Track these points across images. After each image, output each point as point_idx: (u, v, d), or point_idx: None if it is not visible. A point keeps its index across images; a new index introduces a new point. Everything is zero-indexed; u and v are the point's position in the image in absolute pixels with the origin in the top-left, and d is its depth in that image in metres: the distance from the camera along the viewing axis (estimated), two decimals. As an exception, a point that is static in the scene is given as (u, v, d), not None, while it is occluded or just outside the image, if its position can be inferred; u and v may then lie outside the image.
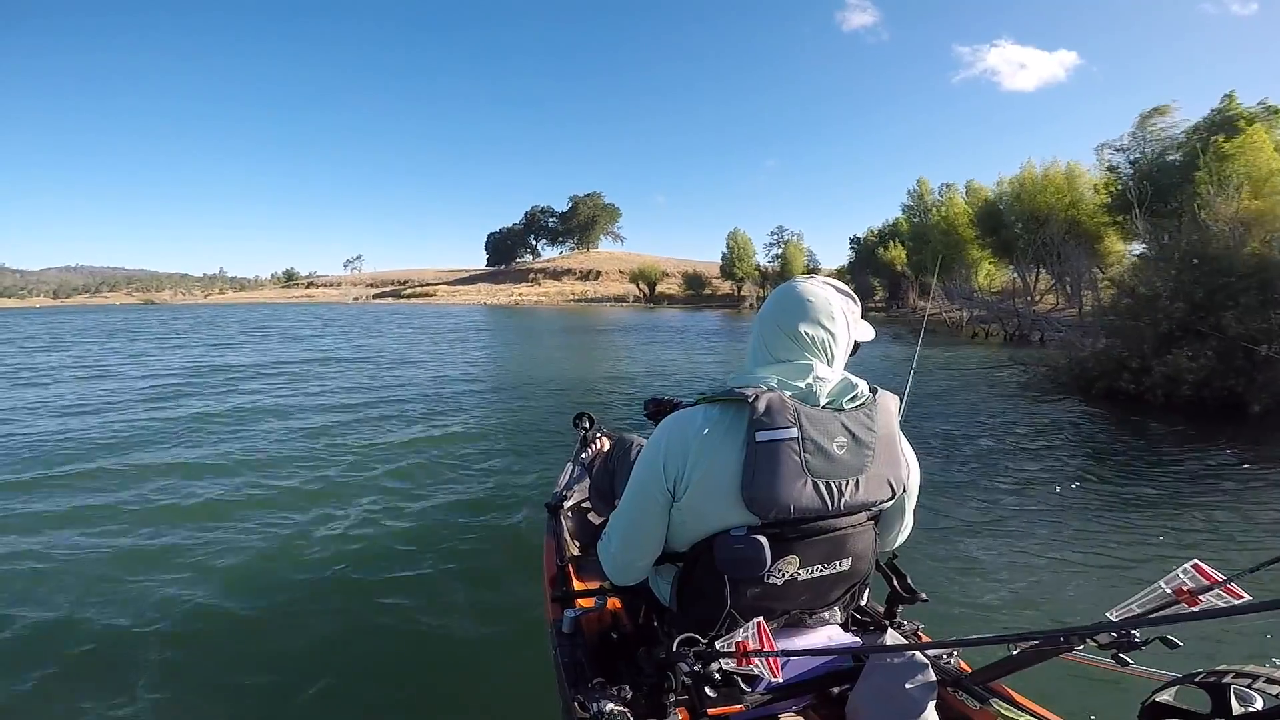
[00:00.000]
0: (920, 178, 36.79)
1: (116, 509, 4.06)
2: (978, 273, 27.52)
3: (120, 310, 62.92)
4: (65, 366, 12.34)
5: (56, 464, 5.07)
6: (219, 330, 24.79)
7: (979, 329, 21.10)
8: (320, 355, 14.03)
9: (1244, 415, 6.28)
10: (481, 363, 12.93)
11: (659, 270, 73.22)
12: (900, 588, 1.26)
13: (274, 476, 4.75)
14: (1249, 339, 6.25)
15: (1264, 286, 6.55)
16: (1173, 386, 6.67)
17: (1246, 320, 6.39)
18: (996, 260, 26.56)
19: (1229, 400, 6.26)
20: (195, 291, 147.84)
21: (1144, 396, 7.00)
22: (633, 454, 1.64)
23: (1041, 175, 21.47)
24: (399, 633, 2.60)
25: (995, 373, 11.13)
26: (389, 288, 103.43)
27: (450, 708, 2.17)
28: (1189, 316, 6.86)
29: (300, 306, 67.77)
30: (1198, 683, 0.86)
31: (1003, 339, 18.81)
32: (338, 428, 6.40)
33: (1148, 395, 6.95)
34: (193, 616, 2.74)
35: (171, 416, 7.02)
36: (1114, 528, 3.65)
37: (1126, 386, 7.10)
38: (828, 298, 1.05)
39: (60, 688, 2.30)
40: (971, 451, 5.44)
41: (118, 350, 15.83)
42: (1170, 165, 14.35)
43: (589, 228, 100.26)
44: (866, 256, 41.54)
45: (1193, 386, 6.49)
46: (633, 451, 1.66)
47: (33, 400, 8.24)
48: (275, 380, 9.95)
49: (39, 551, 3.41)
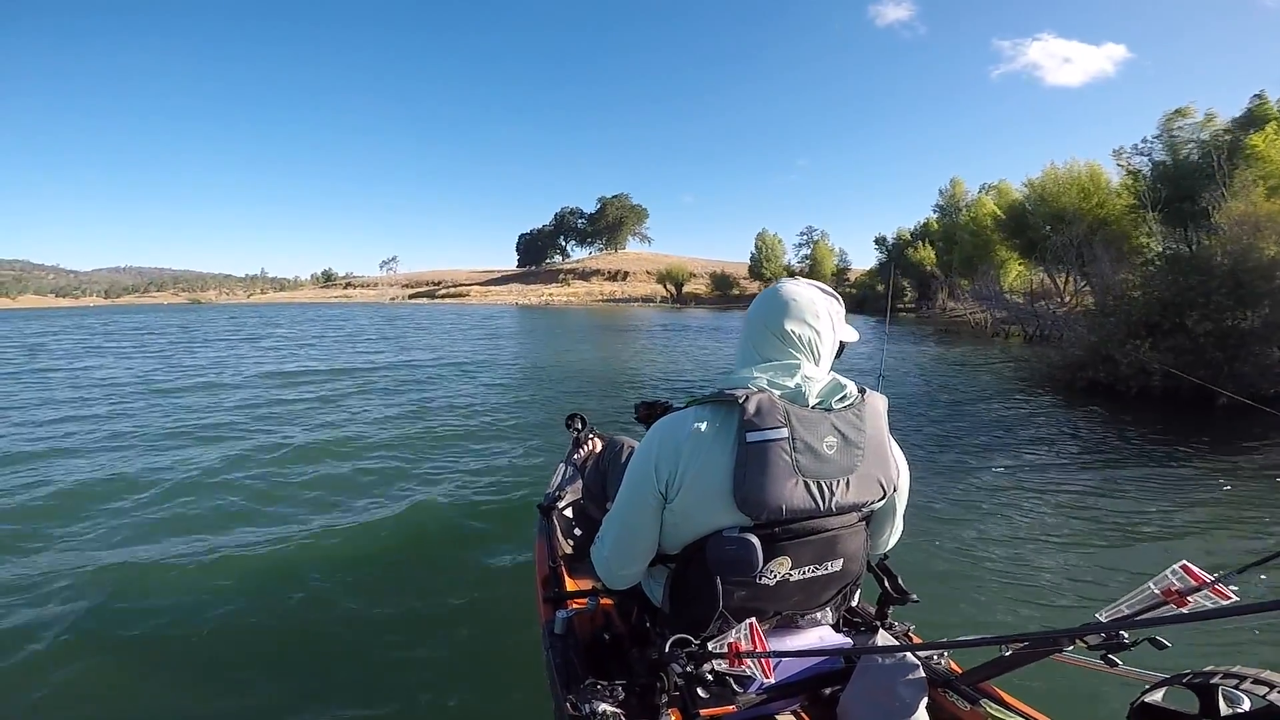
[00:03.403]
0: (954, 177, 36.64)
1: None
2: (1006, 273, 27.44)
3: (180, 310, 62.02)
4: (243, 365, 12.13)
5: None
6: (321, 330, 24.51)
7: (1001, 329, 21.28)
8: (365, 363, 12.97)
9: (1213, 408, 6.73)
10: (504, 364, 12.70)
11: (686, 271, 73.73)
12: (891, 589, 1.28)
13: (255, 475, 4.70)
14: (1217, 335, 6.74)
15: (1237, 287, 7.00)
16: (1144, 379, 7.21)
17: (1214, 318, 6.89)
18: (1025, 261, 26.47)
19: (1200, 392, 6.65)
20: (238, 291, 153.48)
21: (1117, 389, 7.52)
22: (623, 456, 1.68)
23: (1064, 176, 21.46)
24: (390, 633, 2.59)
25: (997, 371, 11.33)
26: (423, 288, 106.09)
27: (442, 708, 2.15)
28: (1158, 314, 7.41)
29: (342, 306, 69.83)
30: (1186, 683, 0.86)
31: (1023, 339, 19.01)
32: (348, 425, 6.50)
33: (1120, 388, 7.48)
34: (180, 618, 2.71)
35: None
36: (1106, 527, 3.73)
37: (1098, 377, 7.66)
38: (812, 298, 1.08)
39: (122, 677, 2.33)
40: (960, 451, 5.59)
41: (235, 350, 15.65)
42: (1191, 166, 14.44)
43: (616, 229, 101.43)
44: (896, 257, 41.36)
45: (1161, 378, 7.00)
46: (623, 453, 1.70)
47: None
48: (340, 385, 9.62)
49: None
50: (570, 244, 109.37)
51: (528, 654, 1.73)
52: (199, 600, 2.82)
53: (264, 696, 2.22)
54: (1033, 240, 23.20)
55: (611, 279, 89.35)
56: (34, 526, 3.72)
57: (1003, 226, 25.69)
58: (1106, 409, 7.17)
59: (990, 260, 26.73)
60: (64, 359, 13.78)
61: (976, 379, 10.40)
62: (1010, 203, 26.04)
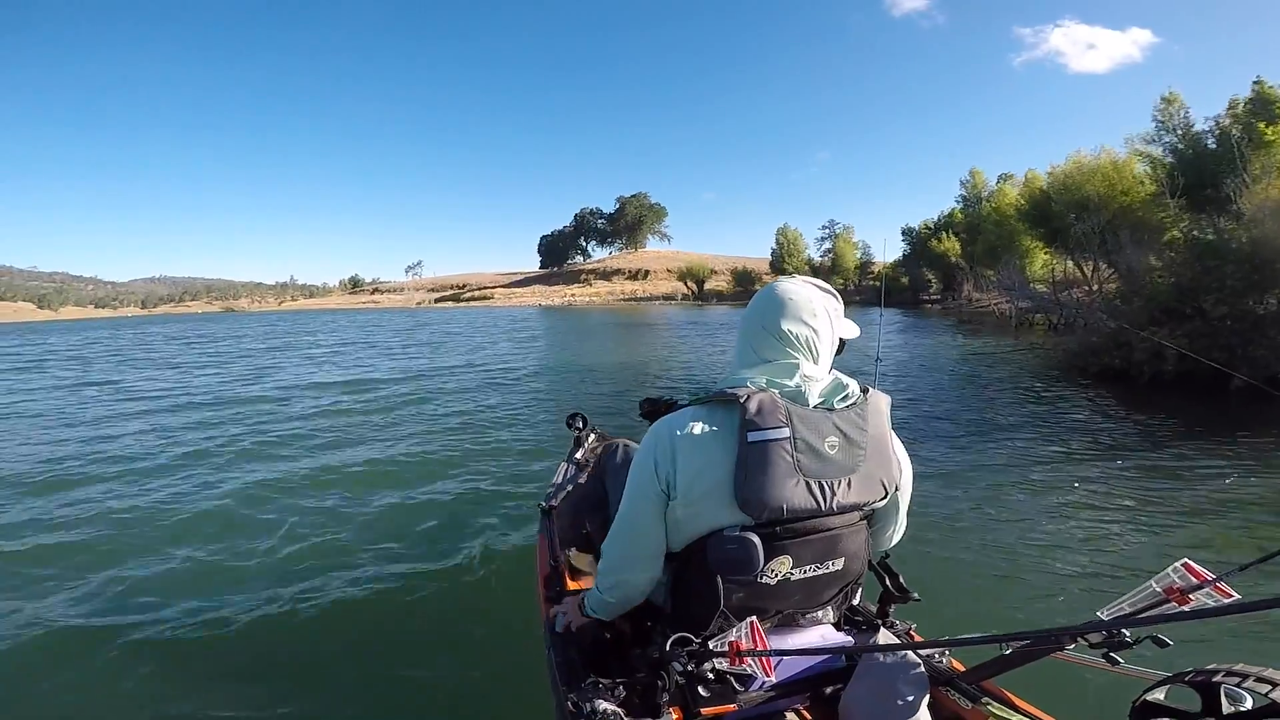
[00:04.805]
0: (974, 168, 36.21)
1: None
2: (1032, 262, 27.04)
3: (217, 319, 62.04)
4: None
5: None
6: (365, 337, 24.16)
7: (1026, 319, 21.08)
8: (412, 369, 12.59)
9: (1227, 393, 6.76)
10: (521, 366, 12.62)
11: (707, 268, 73.92)
12: (893, 587, 1.28)
13: (256, 474, 4.83)
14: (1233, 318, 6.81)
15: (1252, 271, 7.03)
16: (1158, 364, 7.27)
17: (1230, 302, 6.96)
18: (1050, 250, 26.06)
19: (1215, 374, 6.59)
20: (269, 299, 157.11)
21: (1130, 374, 7.58)
22: (619, 457, 1.69)
23: (1088, 163, 21.15)
24: (390, 631, 2.60)
25: (1011, 360, 11.31)
26: (449, 291, 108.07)
27: (443, 706, 2.16)
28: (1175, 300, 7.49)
29: (374, 313, 71.12)
30: (1188, 682, 0.86)
31: (1047, 328, 18.82)
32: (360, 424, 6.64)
33: (1134, 373, 7.55)
34: (180, 614, 2.75)
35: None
36: (1109, 523, 3.71)
37: (1112, 363, 7.75)
38: (809, 296, 1.08)
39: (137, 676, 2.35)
40: (964, 444, 5.56)
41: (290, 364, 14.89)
42: (1209, 153, 14.25)
43: (636, 228, 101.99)
44: (920, 248, 40.97)
45: (1174, 363, 7.05)
46: (619, 455, 1.70)
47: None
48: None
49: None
50: (591, 244, 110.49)
51: (529, 653, 1.69)
52: (199, 599, 2.86)
53: (263, 693, 2.23)
54: (1056, 229, 22.88)
55: (632, 278, 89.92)
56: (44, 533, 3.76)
57: (1025, 216, 25.34)
58: (1118, 395, 7.19)
59: (1014, 250, 26.37)
60: (145, 368, 14.03)
61: (989, 368, 10.34)
62: (1033, 191, 25.66)
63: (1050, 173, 23.73)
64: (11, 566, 3.30)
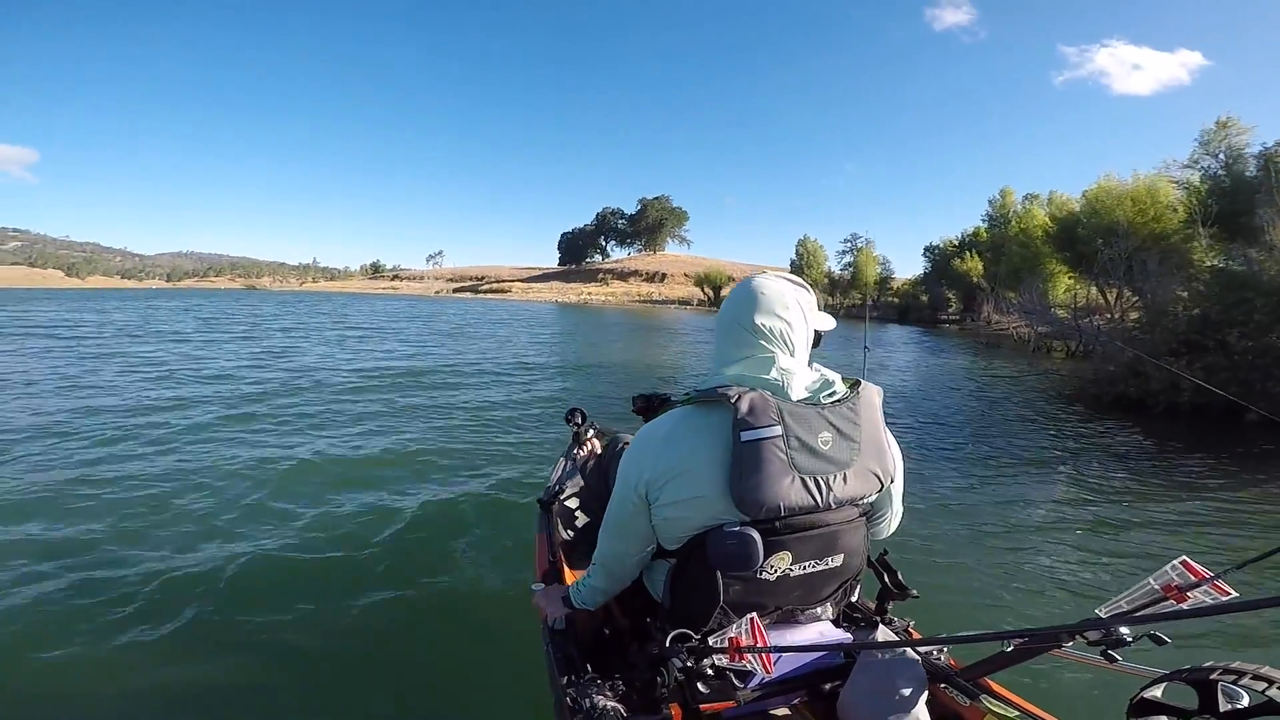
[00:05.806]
0: (1004, 188, 35.73)
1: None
2: (1055, 287, 26.63)
3: (250, 296, 62.56)
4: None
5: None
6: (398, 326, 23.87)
7: (1044, 344, 20.75)
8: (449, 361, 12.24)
9: (1241, 426, 6.65)
10: (531, 363, 12.56)
11: (724, 274, 73.48)
12: (891, 584, 1.28)
13: (255, 474, 4.57)
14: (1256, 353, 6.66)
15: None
16: (1174, 395, 7.16)
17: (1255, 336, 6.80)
18: (1075, 275, 25.65)
19: (1230, 407, 6.54)
20: (291, 279, 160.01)
21: (1145, 404, 7.48)
22: (619, 451, 1.72)
23: (1118, 188, 20.80)
24: (390, 627, 2.60)
25: (1024, 383, 11.26)
26: (467, 283, 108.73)
27: (442, 702, 2.17)
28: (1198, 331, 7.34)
29: (391, 298, 71.92)
30: (1185, 679, 0.87)
31: (1065, 354, 18.53)
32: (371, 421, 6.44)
33: (1149, 403, 7.44)
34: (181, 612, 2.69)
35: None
36: (1105, 525, 3.76)
37: (1128, 391, 7.63)
38: (779, 289, 1.08)
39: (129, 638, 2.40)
40: (966, 451, 5.67)
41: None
42: (1246, 181, 13.96)
43: (656, 230, 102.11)
44: (943, 266, 40.51)
45: (1190, 394, 6.93)
46: (619, 449, 1.73)
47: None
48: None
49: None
50: (610, 244, 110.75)
51: (528, 648, 1.73)
52: (200, 597, 2.81)
53: (258, 684, 2.24)
54: (1083, 253, 22.52)
55: (649, 280, 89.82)
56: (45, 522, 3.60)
57: (1052, 238, 24.96)
58: (1130, 422, 7.15)
59: (1038, 273, 25.98)
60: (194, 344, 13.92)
61: (1001, 390, 10.38)
62: (1063, 214, 25.27)
63: (1085, 195, 23.40)
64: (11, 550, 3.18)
